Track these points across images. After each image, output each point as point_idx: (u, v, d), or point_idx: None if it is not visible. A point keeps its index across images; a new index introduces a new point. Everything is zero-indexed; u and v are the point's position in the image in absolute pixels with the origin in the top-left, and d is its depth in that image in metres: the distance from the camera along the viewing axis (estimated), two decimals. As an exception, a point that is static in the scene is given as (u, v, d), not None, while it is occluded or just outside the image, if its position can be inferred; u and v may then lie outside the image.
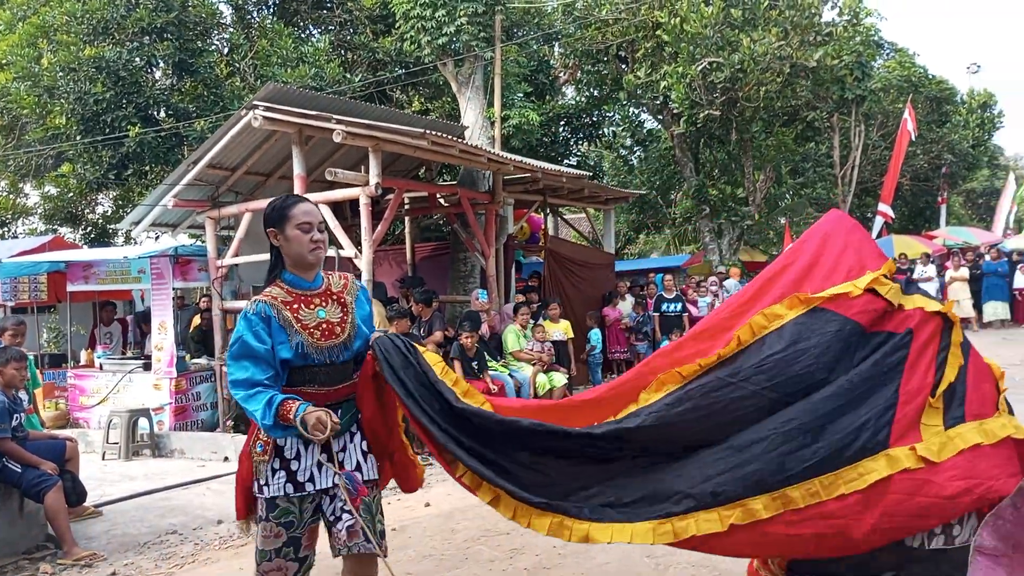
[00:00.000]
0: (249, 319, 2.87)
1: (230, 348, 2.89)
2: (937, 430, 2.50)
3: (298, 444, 2.97)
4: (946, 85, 26.57)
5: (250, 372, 2.82)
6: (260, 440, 2.98)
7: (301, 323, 2.93)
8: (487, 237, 10.58)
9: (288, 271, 3.02)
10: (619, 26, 17.44)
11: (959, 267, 16.83)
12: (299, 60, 13.81)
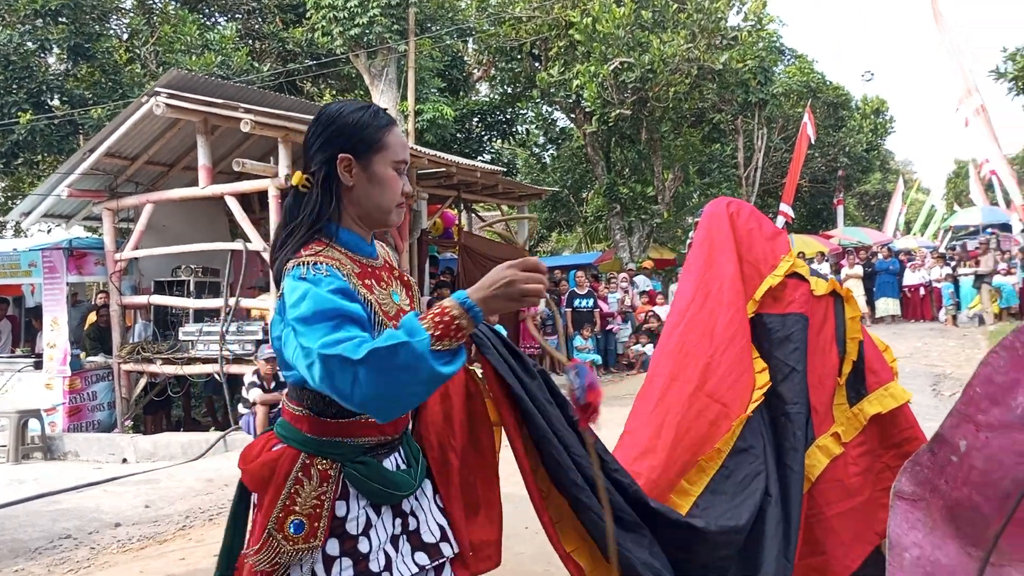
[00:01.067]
0: (318, 279, 1.61)
1: (300, 313, 1.55)
2: (843, 408, 2.54)
3: (366, 508, 1.76)
4: (842, 91, 27.78)
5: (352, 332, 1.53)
6: (296, 512, 1.70)
7: (382, 309, 1.78)
8: (401, 232, 10.46)
9: (346, 227, 1.79)
10: (532, 24, 17.55)
11: (853, 265, 17.63)
12: (204, 47, 13.35)
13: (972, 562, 1.24)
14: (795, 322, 2.64)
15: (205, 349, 8.70)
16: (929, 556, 1.25)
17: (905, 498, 1.27)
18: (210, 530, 5.72)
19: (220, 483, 6.99)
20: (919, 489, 1.27)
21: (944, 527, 1.26)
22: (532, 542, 4.86)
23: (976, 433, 1.23)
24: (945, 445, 1.25)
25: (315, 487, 1.71)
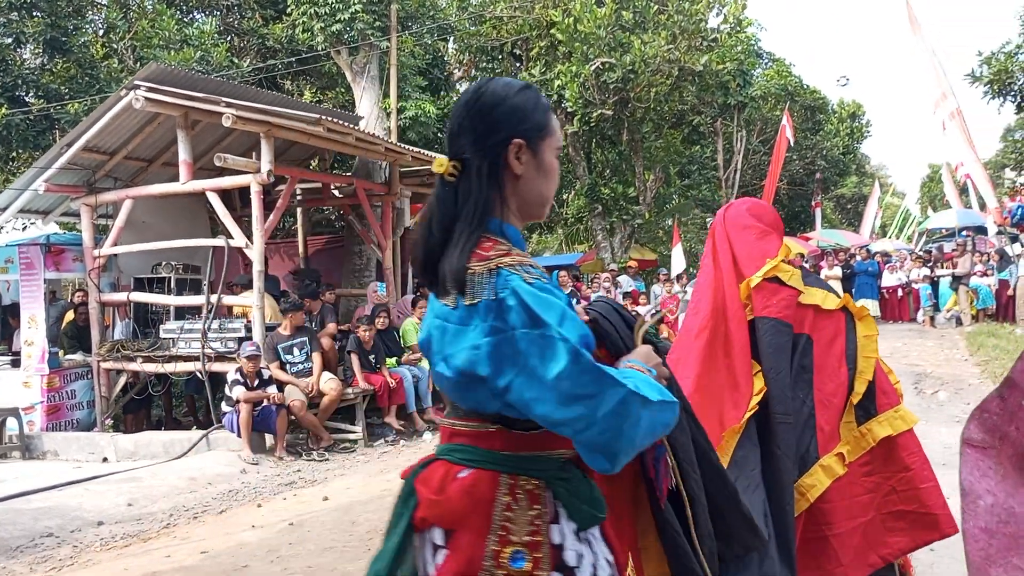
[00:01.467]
0: (552, 288, 1.48)
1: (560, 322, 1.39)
2: (851, 427, 2.48)
3: (575, 534, 1.54)
4: (819, 95, 28.06)
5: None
6: (514, 543, 1.48)
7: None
8: (384, 229, 10.40)
9: (507, 221, 1.61)
10: (514, 24, 17.55)
11: (832, 267, 17.77)
12: (183, 43, 13.19)
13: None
14: (769, 327, 2.54)
15: (186, 347, 8.57)
16: (1003, 504, 1.23)
17: (975, 445, 1.25)
18: (195, 528, 5.64)
19: (204, 481, 6.89)
20: (988, 436, 1.25)
21: (1016, 475, 1.24)
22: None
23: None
24: (1016, 390, 1.23)
25: (525, 511, 1.48)
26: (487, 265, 1.44)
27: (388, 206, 10.55)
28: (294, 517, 5.66)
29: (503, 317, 1.39)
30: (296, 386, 8.05)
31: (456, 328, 1.47)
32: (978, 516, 1.23)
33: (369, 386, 8.64)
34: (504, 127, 1.54)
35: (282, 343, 8.27)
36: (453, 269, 1.47)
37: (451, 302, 1.47)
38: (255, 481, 6.97)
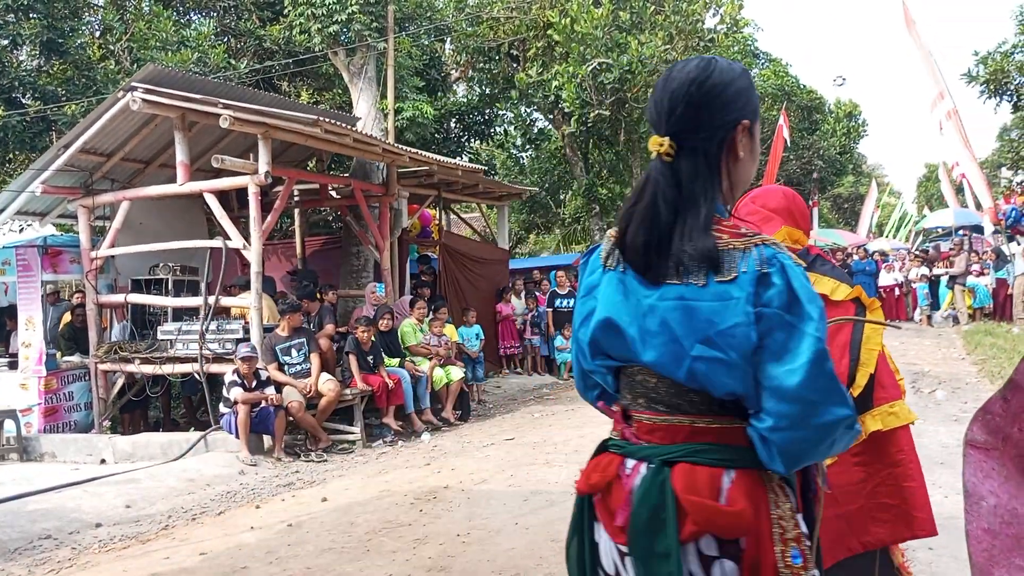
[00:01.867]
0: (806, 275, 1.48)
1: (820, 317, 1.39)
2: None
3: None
4: (816, 95, 28.12)
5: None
6: (789, 540, 1.46)
7: None
8: (381, 230, 10.40)
9: (722, 204, 1.58)
10: (511, 24, 17.55)
11: (830, 265, 17.81)
12: (180, 44, 13.17)
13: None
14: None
15: (184, 348, 8.56)
16: (1006, 505, 1.23)
17: (978, 447, 1.25)
18: (194, 529, 5.63)
19: (202, 483, 6.88)
20: (991, 438, 1.25)
21: (1019, 476, 1.24)
22: (523, 537, 4.85)
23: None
24: (1019, 392, 1.24)
25: (785, 505, 1.46)
26: (747, 242, 1.43)
27: (386, 207, 10.55)
28: (292, 518, 5.66)
29: (762, 292, 1.37)
30: (294, 387, 8.05)
31: (713, 305, 1.41)
32: (981, 517, 1.23)
33: (367, 387, 8.64)
34: (734, 109, 1.52)
35: (280, 344, 8.27)
36: (703, 247, 1.42)
37: (700, 280, 1.42)
38: (253, 482, 6.97)
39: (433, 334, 9.89)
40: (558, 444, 7.61)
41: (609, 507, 1.51)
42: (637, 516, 1.43)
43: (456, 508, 5.61)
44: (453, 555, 4.61)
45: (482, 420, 9.77)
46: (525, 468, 6.71)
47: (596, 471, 1.55)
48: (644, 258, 1.47)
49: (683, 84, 1.49)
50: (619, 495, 1.48)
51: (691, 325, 1.41)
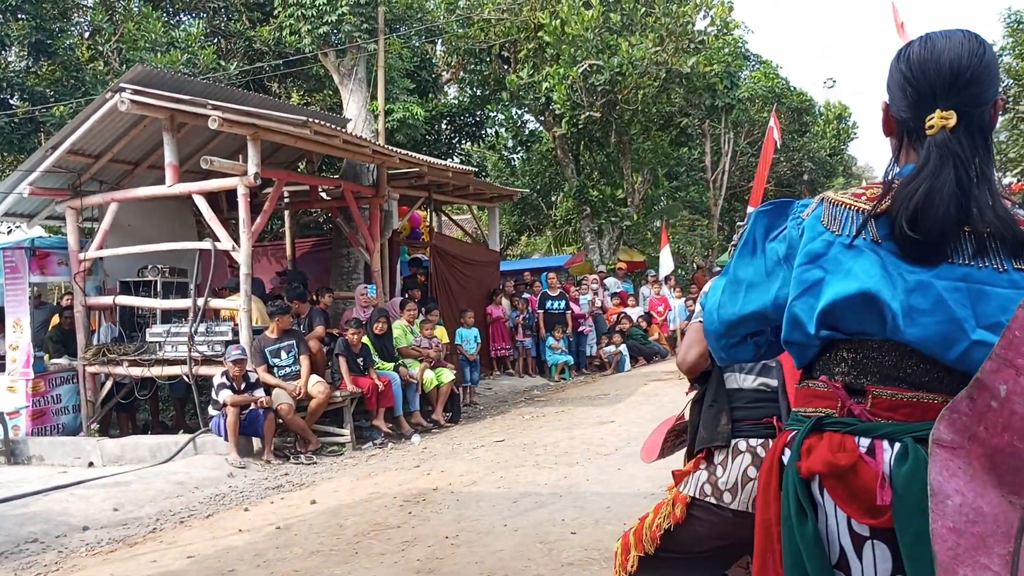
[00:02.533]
0: None
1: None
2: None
3: None
4: (806, 97, 28.18)
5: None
6: None
7: None
8: (371, 232, 10.38)
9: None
10: (501, 26, 17.57)
11: (820, 267, 17.90)
12: (170, 45, 13.13)
13: (1014, 510, 1.24)
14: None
15: (173, 351, 8.53)
16: (972, 504, 1.24)
17: (944, 446, 1.26)
18: (182, 532, 5.61)
19: (190, 486, 6.86)
20: (958, 437, 1.26)
21: (985, 475, 1.25)
22: (512, 539, 4.85)
23: (1017, 378, 1.23)
24: (985, 391, 1.25)
25: None
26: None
27: (376, 208, 10.53)
28: (281, 521, 5.64)
29: None
30: (284, 389, 8.03)
31: (1008, 293, 1.38)
32: (947, 516, 1.24)
33: (357, 389, 8.62)
34: (998, 83, 1.49)
35: (269, 346, 8.25)
36: (1015, 234, 1.40)
37: (999, 264, 1.39)
38: (242, 485, 6.94)
39: (423, 336, 9.88)
40: (548, 446, 7.61)
41: (851, 487, 1.43)
42: (909, 495, 1.36)
43: (445, 510, 5.61)
44: (441, 557, 4.61)
45: (472, 422, 9.76)
46: (515, 470, 6.71)
47: (832, 451, 1.46)
48: (926, 233, 1.41)
49: (965, 57, 1.45)
50: (867, 474, 1.41)
51: (978, 309, 1.38)
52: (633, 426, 8.09)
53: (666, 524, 2.43)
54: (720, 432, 2.39)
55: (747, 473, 2.35)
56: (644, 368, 13.63)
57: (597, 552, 4.46)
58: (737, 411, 2.44)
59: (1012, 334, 1.23)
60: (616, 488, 5.83)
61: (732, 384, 2.48)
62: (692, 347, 2.42)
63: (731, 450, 2.38)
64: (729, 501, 2.37)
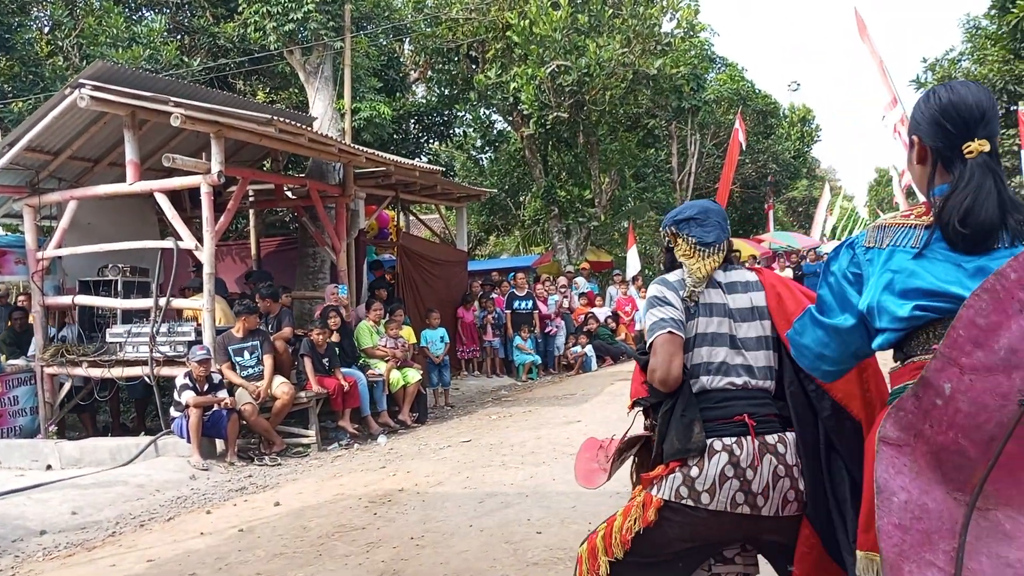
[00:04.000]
0: None
1: None
2: None
3: None
4: (771, 100, 28.55)
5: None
6: None
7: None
8: (338, 231, 10.30)
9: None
10: (470, 25, 17.54)
11: (784, 268, 18.11)
12: (131, 41, 12.91)
13: (959, 507, 1.26)
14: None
15: (134, 351, 8.39)
16: (916, 500, 1.26)
17: (890, 443, 1.28)
18: (142, 536, 5.52)
19: (151, 488, 6.74)
20: (904, 434, 1.28)
21: (930, 472, 1.27)
22: (478, 539, 4.83)
23: (960, 376, 1.25)
24: (930, 389, 1.27)
25: None
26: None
27: (342, 208, 10.45)
28: (244, 523, 5.57)
29: None
30: (246, 389, 7.93)
31: None
32: (892, 512, 1.26)
33: (323, 389, 8.55)
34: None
35: (233, 344, 8.14)
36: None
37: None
38: (204, 487, 6.85)
39: (389, 336, 9.82)
40: (515, 446, 7.61)
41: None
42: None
43: (411, 511, 5.58)
44: (406, 558, 4.58)
45: (439, 422, 9.73)
46: (481, 470, 6.70)
47: None
48: (975, 228, 1.79)
49: (986, 100, 1.88)
50: None
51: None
52: (600, 426, 8.12)
53: (636, 527, 2.42)
54: (695, 441, 2.38)
55: (724, 472, 2.35)
56: (611, 368, 13.69)
57: (563, 552, 4.47)
58: (707, 411, 2.44)
59: (956, 333, 1.26)
60: (582, 488, 5.83)
61: (698, 387, 2.48)
62: (674, 359, 2.43)
63: (707, 450, 2.38)
64: (707, 502, 2.36)
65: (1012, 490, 1.23)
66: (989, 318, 1.27)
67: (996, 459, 1.23)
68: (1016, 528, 1.19)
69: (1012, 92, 13.77)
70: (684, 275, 2.58)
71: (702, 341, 2.49)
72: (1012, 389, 1.23)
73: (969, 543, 1.18)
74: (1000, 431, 1.23)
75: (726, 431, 2.40)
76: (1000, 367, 1.24)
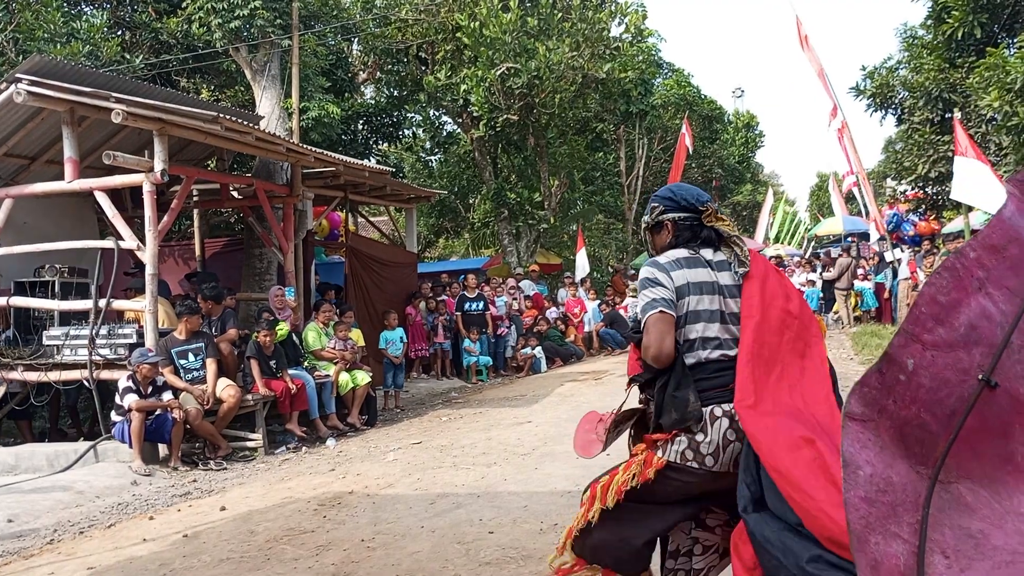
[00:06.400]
0: None
1: None
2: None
3: None
4: (716, 105, 29.03)
5: None
6: None
7: None
8: (285, 232, 10.15)
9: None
10: (419, 27, 17.46)
11: (729, 270, 18.42)
12: (70, 36, 12.53)
13: (922, 480, 1.30)
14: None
15: (72, 354, 8.14)
16: (881, 474, 1.29)
17: (856, 419, 1.31)
18: (81, 543, 5.36)
19: (91, 495, 6.55)
20: (868, 410, 1.31)
21: (894, 447, 1.31)
22: (429, 540, 4.80)
23: (923, 352, 1.29)
24: (893, 365, 1.30)
25: None
26: None
27: (290, 208, 10.30)
28: (188, 529, 5.44)
29: None
30: (191, 393, 7.76)
31: None
32: (858, 486, 1.29)
33: (270, 392, 8.41)
34: None
35: (176, 347, 7.96)
36: None
37: None
38: (147, 493, 6.68)
39: (338, 338, 9.71)
40: (465, 447, 7.59)
41: None
42: None
43: (361, 513, 5.52)
44: (357, 561, 4.53)
45: (389, 424, 9.65)
46: (432, 471, 6.67)
47: None
48: None
49: None
50: None
51: None
52: (550, 426, 8.15)
53: (634, 483, 2.60)
54: (691, 411, 2.54)
55: (727, 436, 2.53)
56: (561, 369, 13.76)
57: (514, 551, 4.46)
58: (702, 382, 2.59)
59: (919, 310, 1.29)
60: (533, 487, 5.85)
61: (692, 360, 2.63)
62: (666, 337, 2.58)
63: (708, 416, 2.55)
64: (711, 464, 2.54)
65: (973, 463, 1.27)
66: (950, 295, 1.30)
67: (957, 433, 1.27)
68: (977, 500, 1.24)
69: (947, 100, 14.19)
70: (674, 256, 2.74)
71: (695, 318, 2.64)
72: (972, 364, 1.27)
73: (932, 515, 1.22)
74: (961, 405, 1.27)
75: (723, 398, 2.56)
76: (961, 343, 1.28)
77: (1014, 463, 1.27)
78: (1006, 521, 1.23)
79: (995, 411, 1.27)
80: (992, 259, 1.32)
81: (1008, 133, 11.46)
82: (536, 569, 4.13)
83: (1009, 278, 1.31)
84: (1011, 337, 1.25)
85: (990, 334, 1.27)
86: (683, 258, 2.73)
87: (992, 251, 1.33)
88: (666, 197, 2.87)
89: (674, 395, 2.57)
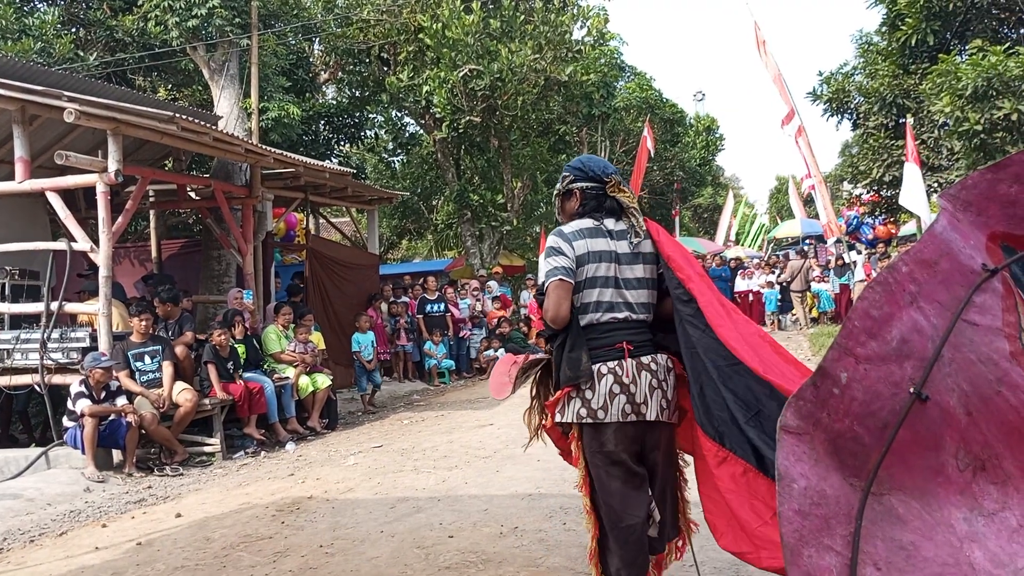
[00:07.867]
0: None
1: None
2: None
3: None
4: (677, 109, 29.31)
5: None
6: None
7: None
8: (244, 233, 10.02)
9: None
10: (381, 27, 17.36)
11: (690, 272, 18.62)
12: (21, 33, 12.25)
13: (855, 492, 1.31)
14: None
15: (23, 358, 7.94)
16: (816, 487, 1.31)
17: (791, 432, 1.33)
18: (31, 552, 5.23)
19: (42, 502, 6.40)
20: (803, 423, 1.33)
21: (828, 459, 1.32)
22: (388, 545, 4.78)
23: (856, 365, 1.30)
24: (827, 378, 1.32)
25: None
26: None
27: (249, 209, 10.17)
28: (143, 536, 5.34)
29: None
30: (147, 397, 7.62)
31: None
32: (792, 499, 1.31)
33: (227, 396, 8.29)
34: None
35: (132, 350, 7.81)
36: None
37: None
38: (100, 500, 6.54)
39: (298, 341, 9.61)
40: (427, 450, 7.56)
41: None
42: None
43: (320, 518, 5.47)
44: (315, 567, 4.49)
45: (350, 428, 9.58)
46: (392, 475, 6.63)
47: None
48: None
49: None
50: None
51: None
52: (512, 428, 8.14)
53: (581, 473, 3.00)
54: (583, 369, 2.85)
55: (612, 390, 2.85)
56: (523, 371, 13.75)
57: (474, 555, 4.46)
58: (593, 341, 2.91)
59: (852, 324, 1.31)
60: (494, 490, 5.85)
61: (586, 321, 2.93)
62: (563, 303, 2.89)
63: (595, 374, 2.86)
64: (603, 417, 2.86)
65: (904, 475, 1.29)
66: (882, 309, 1.33)
67: (889, 445, 1.29)
68: (908, 512, 1.26)
69: (901, 105, 14.47)
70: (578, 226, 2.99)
71: (591, 284, 2.93)
72: (904, 378, 1.29)
73: (865, 527, 1.24)
74: (893, 418, 1.30)
75: (610, 356, 2.88)
76: (893, 356, 1.30)
77: (945, 475, 1.30)
78: (936, 532, 1.25)
79: (926, 424, 1.29)
80: (924, 273, 1.35)
81: (960, 138, 11.73)
82: (495, 573, 4.13)
83: (940, 292, 1.34)
84: (942, 350, 1.28)
85: (921, 348, 1.29)
86: (586, 228, 2.98)
87: (924, 265, 1.36)
88: (576, 167, 3.16)
89: (570, 355, 2.88)
